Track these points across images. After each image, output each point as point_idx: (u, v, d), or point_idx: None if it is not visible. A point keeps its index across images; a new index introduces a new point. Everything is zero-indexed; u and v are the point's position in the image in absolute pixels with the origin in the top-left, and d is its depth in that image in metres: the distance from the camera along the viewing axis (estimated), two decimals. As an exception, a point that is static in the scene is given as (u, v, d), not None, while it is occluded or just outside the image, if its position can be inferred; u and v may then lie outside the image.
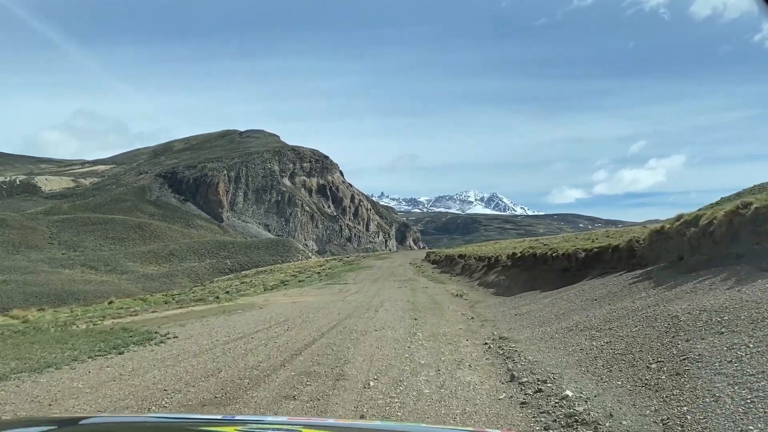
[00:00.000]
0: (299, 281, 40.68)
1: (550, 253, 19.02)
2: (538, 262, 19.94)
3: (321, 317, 12.56)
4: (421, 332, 9.85)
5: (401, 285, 26.76)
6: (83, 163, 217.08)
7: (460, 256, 41.38)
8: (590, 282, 13.53)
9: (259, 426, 1.68)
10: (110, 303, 25.87)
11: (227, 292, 41.22)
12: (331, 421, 1.90)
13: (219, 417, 1.96)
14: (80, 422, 1.76)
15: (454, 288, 24.45)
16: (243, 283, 49.56)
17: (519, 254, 23.56)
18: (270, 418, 1.94)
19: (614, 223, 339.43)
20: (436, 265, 47.43)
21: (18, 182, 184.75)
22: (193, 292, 50.94)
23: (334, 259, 78.60)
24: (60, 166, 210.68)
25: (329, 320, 11.83)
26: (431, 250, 74.77)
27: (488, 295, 20.31)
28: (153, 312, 14.77)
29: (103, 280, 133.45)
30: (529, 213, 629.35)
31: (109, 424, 1.86)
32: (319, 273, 46.44)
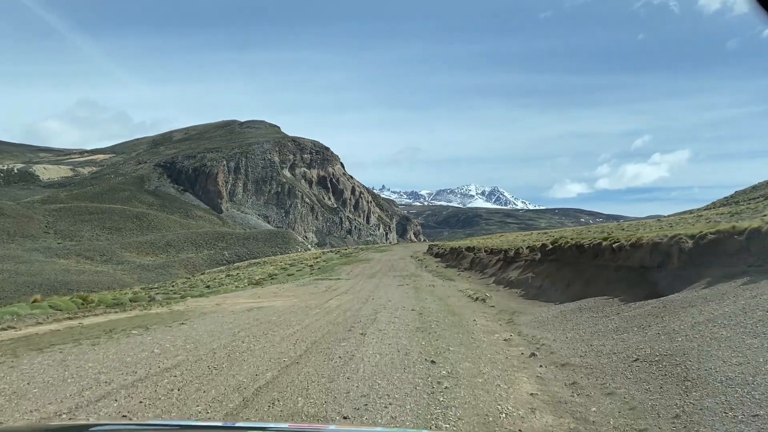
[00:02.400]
0: (288, 275, 34.83)
1: (609, 243, 12.94)
2: (586, 255, 13.87)
3: (259, 352, 6.63)
4: (459, 419, 3.95)
5: (402, 282, 20.82)
6: (82, 152, 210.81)
7: (468, 249, 35.44)
8: (733, 290, 7.54)
9: None
10: (34, 302, 19.97)
11: (207, 287, 35.39)
12: (332, 427, 1.85)
13: (220, 424, 1.96)
14: (89, 429, 1.78)
15: (468, 287, 18.48)
16: (229, 276, 43.70)
17: (552, 246, 17.44)
18: (272, 425, 1.92)
19: (616, 218, 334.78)
20: (440, 259, 41.70)
21: (15, 171, 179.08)
22: (173, 285, 45.05)
23: (331, 251, 72.73)
24: (59, 155, 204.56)
25: (266, 365, 5.86)
26: (434, 243, 68.90)
27: (517, 298, 14.33)
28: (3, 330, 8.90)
29: (98, 270, 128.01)
30: (530, 207, 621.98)
31: (115, 431, 1.87)
32: (311, 266, 40.54)
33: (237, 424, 1.86)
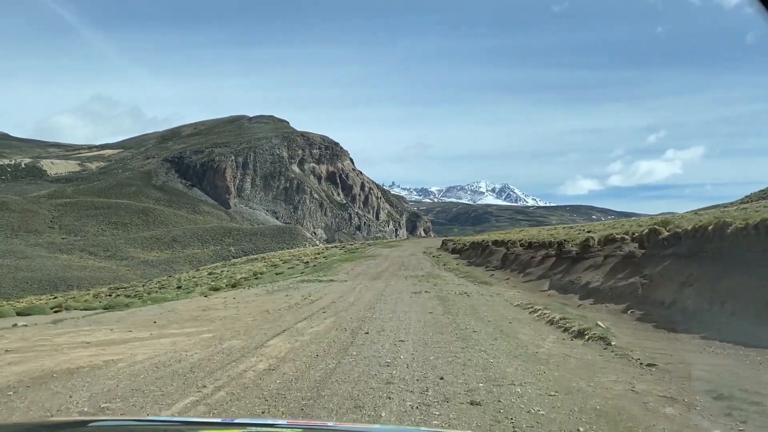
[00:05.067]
0: (276, 273, 28.42)
1: None
2: None
3: None
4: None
5: (418, 286, 14.22)
6: (90, 147, 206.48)
7: (497, 243, 28.64)
8: None
9: (259, 429, 1.62)
10: None
11: (179, 287, 29.12)
12: (330, 424, 1.81)
13: (218, 420, 1.90)
14: (88, 425, 1.74)
15: (522, 297, 11.82)
16: (212, 274, 37.37)
17: (668, 232, 10.62)
18: (270, 421, 1.84)
19: (627, 215, 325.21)
20: (458, 255, 35.05)
21: (23, 165, 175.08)
22: (143, 286, 38.77)
23: (335, 246, 66.24)
24: (67, 150, 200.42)
25: None
26: (448, 238, 62.11)
27: (646, 327, 7.67)
28: None
29: (101, 266, 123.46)
30: (541, 204, 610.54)
31: (116, 427, 1.86)
32: (307, 263, 34.00)
33: (236, 420, 1.78)
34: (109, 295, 29.81)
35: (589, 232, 26.05)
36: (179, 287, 29.09)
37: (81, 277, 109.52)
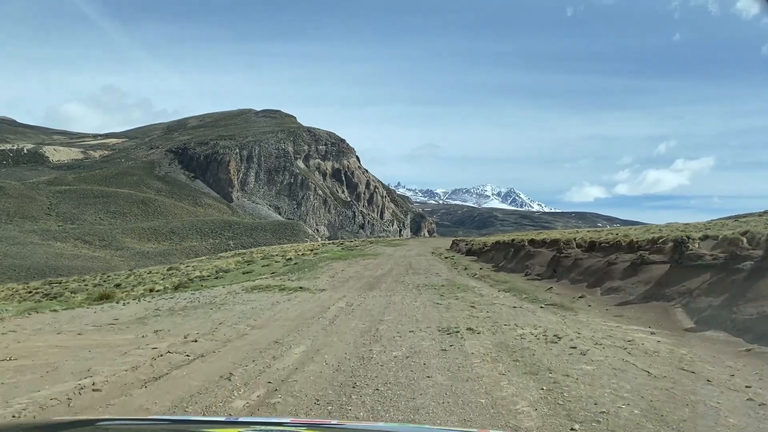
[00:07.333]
0: (245, 272, 21.26)
1: None
2: None
3: None
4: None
5: (445, 309, 7.21)
6: (95, 135, 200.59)
7: (536, 243, 21.40)
8: None
9: (262, 428, 1.61)
10: None
11: (118, 285, 22.14)
12: (334, 422, 1.79)
13: (222, 419, 1.91)
14: (96, 424, 1.74)
15: (705, 358, 4.50)
16: (170, 269, 30.20)
17: None
18: (273, 419, 1.85)
19: (633, 223, 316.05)
20: (476, 258, 27.91)
21: (25, 151, 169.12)
22: (84, 280, 31.74)
23: (333, 242, 59.02)
24: (72, 138, 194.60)
25: None
26: (459, 238, 54.70)
27: None
28: None
29: (94, 255, 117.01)
30: (546, 210, 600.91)
31: (123, 426, 1.87)
32: (289, 259, 26.79)
33: (240, 419, 1.75)
34: (37, 291, 22.76)
35: (625, 236, 19.25)
36: (118, 285, 21.98)
37: (71, 266, 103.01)
